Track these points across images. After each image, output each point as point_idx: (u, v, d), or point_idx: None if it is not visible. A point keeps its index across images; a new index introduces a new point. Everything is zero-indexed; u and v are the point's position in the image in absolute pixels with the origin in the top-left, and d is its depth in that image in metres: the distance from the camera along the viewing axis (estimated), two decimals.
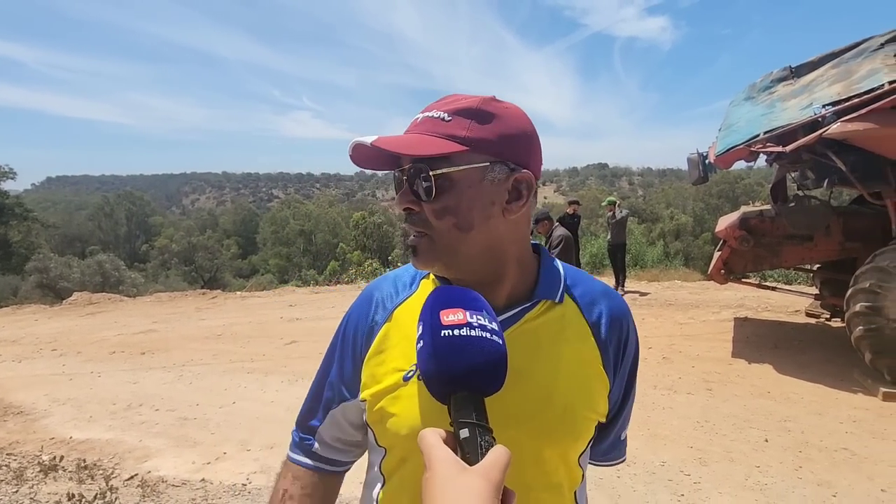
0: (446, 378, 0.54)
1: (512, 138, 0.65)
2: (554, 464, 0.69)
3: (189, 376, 5.15)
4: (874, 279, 3.89)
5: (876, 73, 3.94)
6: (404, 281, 0.79)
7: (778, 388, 4.22)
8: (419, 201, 0.65)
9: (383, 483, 0.74)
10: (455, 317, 0.56)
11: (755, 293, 6.92)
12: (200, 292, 10.79)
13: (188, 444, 3.63)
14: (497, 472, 0.47)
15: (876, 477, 2.92)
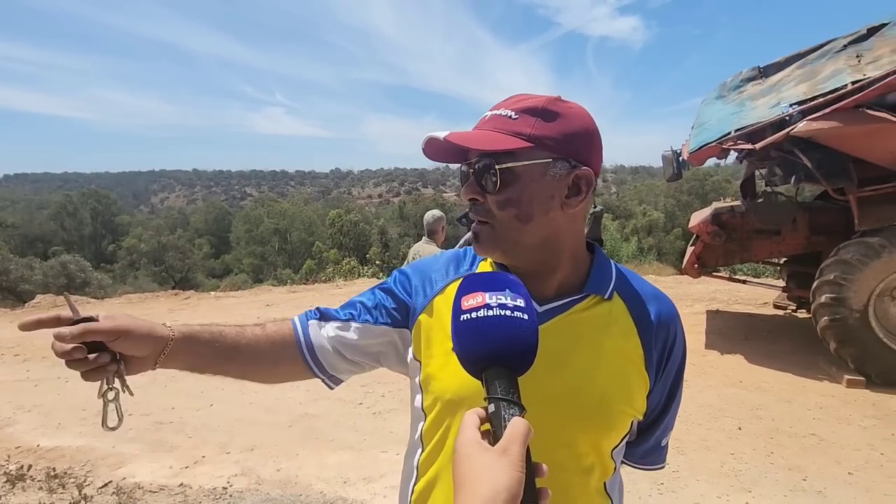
0: (470, 358, 0.58)
1: (574, 136, 0.69)
2: (585, 449, 0.72)
3: (163, 379, 4.99)
4: (838, 271, 4.06)
5: (839, 73, 4.10)
6: (464, 261, 0.85)
7: (749, 378, 4.37)
8: (484, 192, 0.70)
9: (422, 449, 0.79)
10: (474, 300, 0.59)
11: (726, 286, 7.13)
12: (173, 293, 10.49)
13: (164, 449, 3.53)
14: (515, 445, 0.49)
15: (843, 461, 3.06)
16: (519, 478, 0.47)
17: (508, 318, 0.57)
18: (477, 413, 0.54)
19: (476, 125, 0.73)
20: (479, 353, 0.57)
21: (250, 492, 2.93)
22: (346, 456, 3.29)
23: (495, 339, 0.56)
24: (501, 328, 0.56)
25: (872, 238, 3.94)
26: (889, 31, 4.24)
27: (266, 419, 3.94)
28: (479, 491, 0.47)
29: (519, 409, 0.54)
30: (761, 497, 2.72)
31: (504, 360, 0.56)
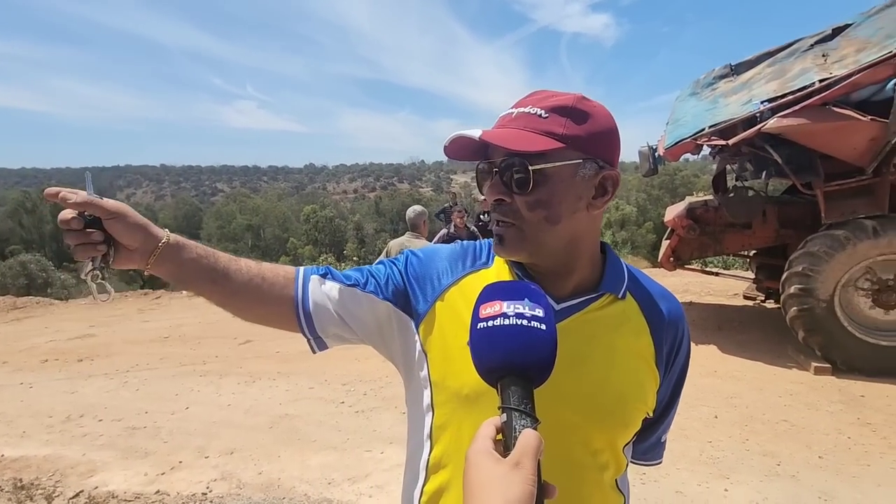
0: (485, 367, 0.57)
1: (602, 136, 0.69)
2: (601, 446, 0.73)
3: (135, 382, 4.83)
4: (806, 263, 4.21)
5: (807, 72, 4.24)
6: (481, 253, 0.82)
7: (723, 367, 4.50)
8: (511, 193, 0.68)
9: (431, 448, 0.77)
10: (492, 309, 0.58)
11: (698, 278, 7.33)
12: (142, 292, 10.16)
13: (138, 455, 3.41)
14: (528, 459, 0.48)
15: (813, 445, 3.18)
16: (531, 492, 0.46)
17: (525, 327, 0.56)
18: (494, 423, 0.53)
19: (500, 122, 0.70)
20: (494, 362, 0.56)
21: (231, 496, 2.85)
22: (330, 456, 3.24)
23: (510, 348, 0.55)
24: (517, 338, 0.55)
25: (838, 231, 4.10)
26: (853, 32, 4.39)
27: (245, 421, 3.85)
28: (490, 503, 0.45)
29: (531, 421, 0.52)
30: (738, 483, 2.80)
31: (518, 369, 0.55)
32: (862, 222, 4.02)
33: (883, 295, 4.14)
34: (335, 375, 4.65)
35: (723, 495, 2.70)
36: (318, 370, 4.84)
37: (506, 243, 0.70)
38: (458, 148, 0.71)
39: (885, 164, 3.92)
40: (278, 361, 5.23)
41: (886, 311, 4.15)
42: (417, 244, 3.83)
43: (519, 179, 0.67)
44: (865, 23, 4.38)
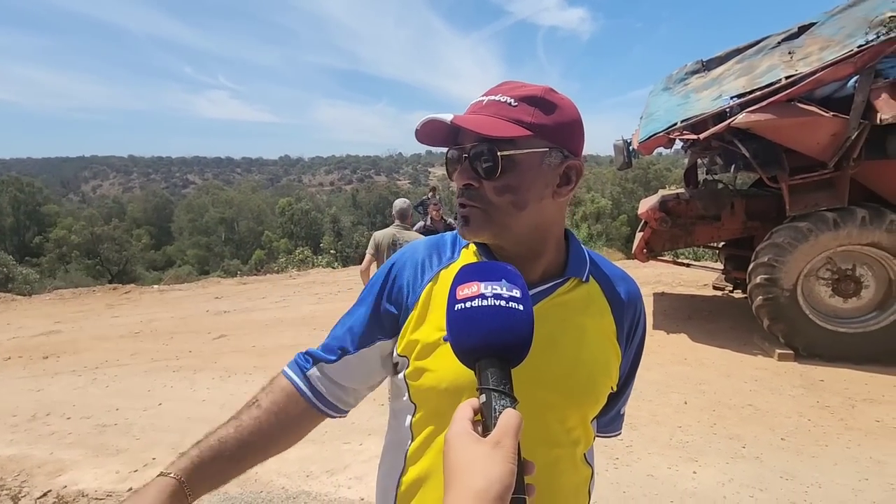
0: (463, 348, 0.57)
1: (567, 127, 0.72)
2: (574, 424, 0.77)
3: (104, 379, 4.71)
4: (771, 254, 4.37)
5: (774, 68, 4.37)
6: (445, 248, 0.84)
7: (693, 355, 4.65)
8: (480, 178, 0.70)
9: (412, 440, 0.78)
10: (469, 290, 0.58)
11: (670, 269, 7.52)
12: (111, 287, 9.85)
13: (109, 453, 3.33)
14: (508, 438, 0.48)
15: (776, 428, 3.32)
16: (511, 470, 0.47)
17: (503, 308, 0.56)
18: (471, 404, 0.54)
19: (471, 109, 0.72)
20: (472, 342, 0.56)
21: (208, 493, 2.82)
22: (308, 449, 3.23)
23: (488, 328, 0.55)
24: (495, 318, 0.56)
25: (801, 223, 4.26)
26: (817, 30, 4.54)
27: (221, 416, 3.74)
28: (472, 483, 0.46)
29: (511, 401, 0.53)
30: (706, 465, 2.91)
31: (497, 350, 0.56)
32: (824, 214, 4.19)
33: (842, 284, 4.33)
34: None
35: (691, 477, 2.81)
36: None
37: (471, 224, 0.72)
38: (430, 133, 0.72)
39: (846, 159, 4.08)
40: (255, 356, 5.17)
41: (845, 299, 4.35)
42: (407, 235, 3.86)
43: (489, 165, 0.68)
44: (828, 22, 4.54)
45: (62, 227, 33.14)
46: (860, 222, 4.07)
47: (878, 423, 3.36)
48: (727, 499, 2.62)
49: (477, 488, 0.45)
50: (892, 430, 3.26)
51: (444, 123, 0.69)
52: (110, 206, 54.11)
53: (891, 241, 4.04)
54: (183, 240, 41.19)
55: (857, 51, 3.90)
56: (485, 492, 0.45)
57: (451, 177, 0.75)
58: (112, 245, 30.23)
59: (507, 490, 0.46)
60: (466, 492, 0.46)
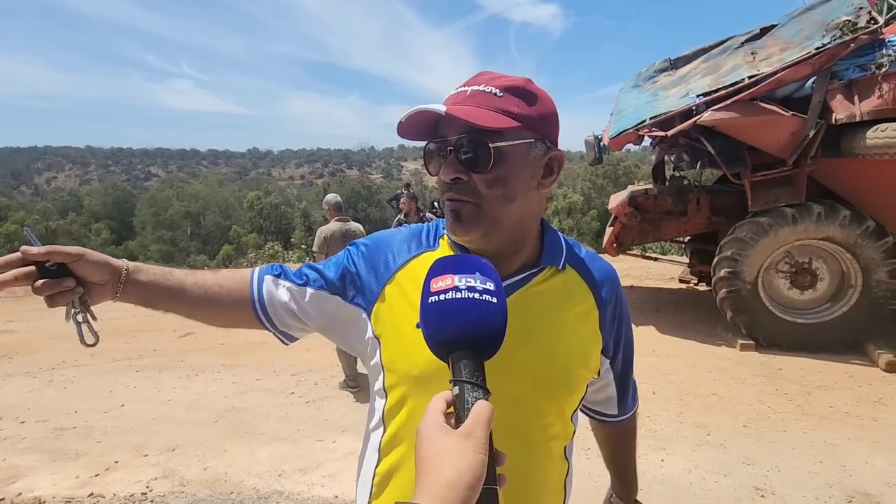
0: (437, 341, 0.57)
1: (549, 118, 0.72)
2: (552, 418, 0.77)
3: (62, 381, 4.49)
4: (734, 248, 4.53)
5: (738, 68, 4.51)
6: (425, 236, 0.83)
7: (661, 346, 4.78)
8: (468, 171, 0.68)
9: (384, 430, 0.78)
10: (443, 283, 0.58)
11: (638, 263, 7.71)
12: None
13: (68, 457, 3.18)
14: (479, 429, 0.49)
15: (739, 415, 3.46)
16: (482, 460, 0.47)
17: (476, 300, 0.56)
18: (444, 397, 0.54)
19: (455, 99, 0.70)
20: (446, 335, 0.56)
21: (174, 495, 2.73)
22: (280, 448, 3.17)
23: (462, 321, 0.55)
24: (469, 311, 0.56)
25: (762, 218, 4.43)
26: (778, 32, 4.71)
27: (188, 416, 3.69)
28: (443, 474, 0.46)
29: (483, 393, 0.53)
30: (673, 453, 3.01)
31: (470, 342, 0.55)
32: (783, 210, 4.36)
33: (799, 277, 4.54)
34: (284, 366, 4.53)
35: (660, 465, 2.89)
36: (265, 361, 4.70)
37: (463, 220, 0.70)
38: (411, 126, 0.71)
39: (804, 157, 4.26)
40: (223, 354, 5.03)
41: (802, 291, 4.56)
42: (355, 226, 4.04)
43: (480, 157, 0.67)
44: (788, 24, 4.71)
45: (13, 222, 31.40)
46: (816, 218, 4.26)
47: (832, 408, 3.54)
48: (694, 485, 2.71)
49: (448, 478, 0.46)
50: (844, 415, 3.44)
51: (426, 115, 0.67)
52: (66, 200, 51.69)
53: (844, 235, 4.25)
54: (146, 235, 39.73)
55: (814, 53, 4.06)
56: (456, 481, 0.45)
57: (431, 171, 0.73)
58: (69, 240, 28.86)
59: (478, 480, 0.46)
60: (437, 482, 0.46)
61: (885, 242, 4.16)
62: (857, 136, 3.96)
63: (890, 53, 3.92)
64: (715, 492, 2.65)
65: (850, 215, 4.19)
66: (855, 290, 4.36)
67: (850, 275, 4.38)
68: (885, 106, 3.87)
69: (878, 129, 3.80)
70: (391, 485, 0.76)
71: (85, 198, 54.00)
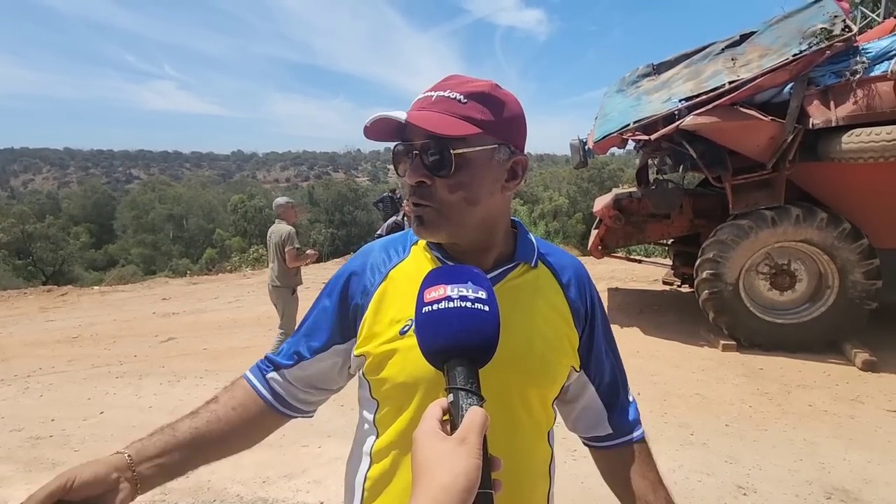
0: (431, 350, 0.58)
1: (514, 123, 0.74)
2: (536, 404, 0.79)
3: (38, 388, 4.38)
4: (716, 250, 4.60)
5: (718, 73, 4.60)
6: (396, 247, 0.85)
7: (645, 347, 4.84)
8: (433, 176, 0.70)
9: (377, 436, 0.79)
10: (436, 293, 0.59)
11: (623, 265, 7.80)
12: (45, 289, 9.17)
13: (44, 468, 3.10)
14: (473, 434, 0.50)
15: (721, 415, 3.51)
16: (476, 464, 0.48)
17: (469, 309, 0.58)
18: (439, 404, 0.55)
19: (420, 105, 0.71)
20: (440, 344, 0.57)
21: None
22: (264, 454, 3.12)
23: (455, 330, 0.57)
24: (461, 319, 0.57)
25: (743, 220, 4.52)
26: (757, 39, 4.81)
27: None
28: (438, 478, 0.47)
29: (478, 399, 0.54)
30: (658, 453, 2.98)
31: (464, 350, 0.56)
32: (763, 213, 4.45)
33: (778, 278, 4.63)
34: None
35: None
36: (249, 366, 4.63)
37: (426, 224, 0.73)
38: (379, 129, 0.72)
39: (782, 161, 4.35)
40: (206, 359, 4.95)
41: (781, 292, 4.65)
42: (277, 228, 4.43)
43: (441, 162, 0.69)
44: (767, 31, 4.82)
45: None
46: (794, 220, 4.35)
47: (811, 407, 3.62)
48: (678, 484, 2.73)
49: (443, 483, 0.46)
50: (823, 413, 3.52)
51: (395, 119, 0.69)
52: (43, 203, 50.46)
53: (821, 237, 4.35)
54: (127, 238, 38.98)
55: (791, 59, 4.16)
56: (451, 486, 0.46)
57: (398, 171, 0.75)
58: (46, 244, 28.16)
59: (473, 484, 0.47)
60: (433, 487, 0.47)
61: (861, 244, 4.27)
62: (833, 140, 4.06)
63: (864, 60, 4.03)
64: (699, 491, 2.68)
65: (826, 218, 4.29)
66: (832, 291, 4.47)
67: (828, 276, 4.49)
68: (860, 111, 3.98)
69: (853, 134, 3.91)
70: (386, 491, 0.77)
71: (63, 200, 52.80)
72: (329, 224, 37.01)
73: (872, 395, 3.75)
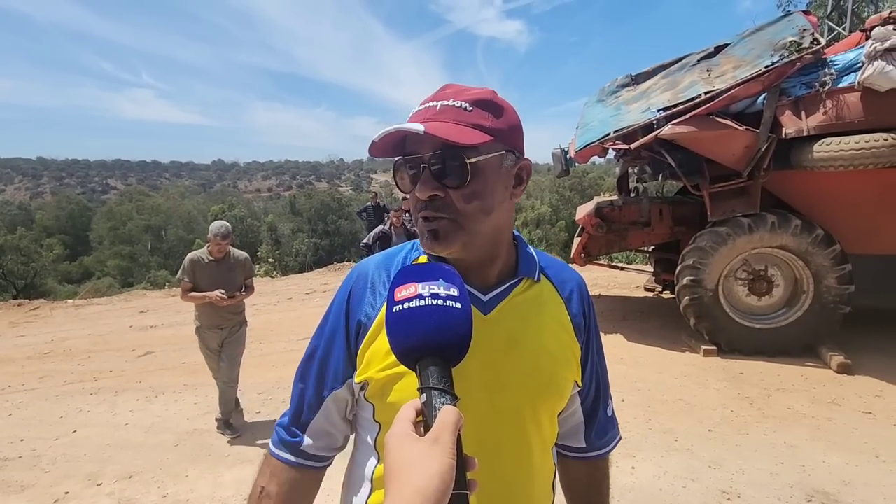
0: (402, 349, 0.57)
1: (516, 129, 0.74)
2: (545, 421, 0.78)
3: (7, 406, 4.21)
4: (696, 257, 4.69)
5: (694, 84, 4.71)
6: (395, 265, 0.80)
7: (629, 354, 4.88)
8: (446, 187, 0.68)
9: (378, 459, 0.76)
10: (407, 291, 0.58)
11: (606, 273, 7.89)
12: (15, 303, 8.86)
13: (13, 490, 2.97)
14: (446, 434, 0.49)
15: (704, 420, 3.55)
16: (450, 464, 0.47)
17: (440, 307, 0.57)
18: (413, 406, 0.54)
19: (425, 115, 0.69)
20: (411, 343, 0.56)
21: None
22: (246, 470, 3.05)
23: (427, 328, 0.55)
24: (432, 317, 0.56)
25: (721, 227, 4.61)
26: (731, 50, 4.96)
27: (146, 440, 3.51)
28: (411, 481, 0.46)
29: (451, 398, 0.53)
30: (643, 460, 3.05)
31: (436, 349, 0.55)
32: (740, 220, 4.55)
33: (756, 284, 4.73)
34: (250, 384, 4.38)
35: (630, 472, 2.93)
36: None
37: (441, 236, 0.70)
38: (384, 145, 0.70)
39: (757, 169, 4.47)
40: (185, 373, 4.83)
41: (759, 297, 4.75)
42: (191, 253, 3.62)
43: (457, 173, 0.67)
44: (740, 43, 4.96)
45: None
46: (770, 227, 4.46)
47: (790, 410, 3.68)
48: (663, 491, 2.75)
49: (416, 485, 0.46)
50: (802, 416, 3.58)
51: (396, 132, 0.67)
52: (15, 214, 48.96)
53: (796, 243, 4.46)
54: (103, 250, 37.99)
55: (764, 71, 4.29)
56: (424, 487, 0.45)
57: (403, 188, 0.72)
58: (17, 256, 27.25)
59: (447, 485, 0.46)
60: (407, 490, 0.46)
61: (834, 250, 4.39)
62: (804, 149, 4.18)
63: (832, 72, 4.18)
64: (684, 497, 2.70)
65: (800, 224, 4.41)
66: (808, 296, 4.58)
67: (803, 281, 4.60)
68: (830, 121, 4.12)
69: (824, 144, 4.03)
70: None
71: (36, 212, 51.28)
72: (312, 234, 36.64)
73: (848, 398, 3.83)
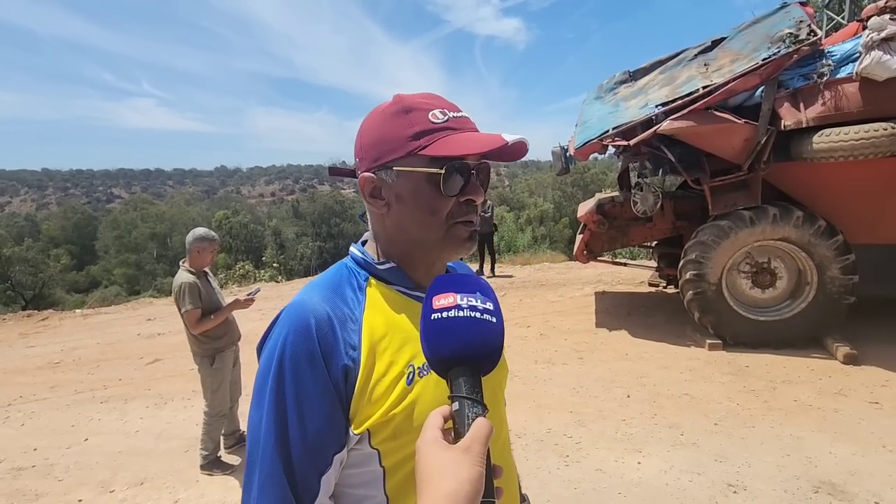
0: (438, 357, 0.58)
1: None
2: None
3: (19, 417, 4.27)
4: (698, 251, 4.69)
5: (692, 79, 4.71)
6: (349, 294, 0.74)
7: (633, 350, 4.88)
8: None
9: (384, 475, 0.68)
10: (446, 300, 0.60)
11: (609, 269, 7.88)
12: (25, 314, 8.96)
13: (28, 498, 3.02)
14: (478, 444, 0.51)
15: (710, 414, 3.55)
16: (480, 473, 0.49)
17: (479, 320, 0.59)
18: (441, 413, 0.55)
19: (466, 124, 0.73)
20: (448, 352, 0.57)
21: None
22: (230, 495, 3.08)
23: (466, 339, 0.57)
24: (471, 329, 0.58)
25: (723, 221, 4.61)
26: (728, 44, 4.95)
27: (157, 447, 3.55)
28: (442, 486, 0.48)
29: (482, 409, 0.55)
30: (649, 455, 3.06)
31: (471, 359, 0.57)
32: (741, 213, 4.55)
33: (759, 276, 4.72)
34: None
35: (636, 468, 2.94)
36: None
37: (474, 237, 0.78)
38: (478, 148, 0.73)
39: (757, 162, 4.46)
40: (193, 380, 4.84)
41: (763, 290, 4.74)
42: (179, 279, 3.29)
43: (488, 180, 0.78)
44: (737, 37, 4.96)
45: None
46: (772, 219, 4.46)
47: (796, 402, 3.68)
48: (669, 485, 2.76)
49: (447, 490, 0.47)
50: (808, 408, 3.58)
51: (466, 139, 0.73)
52: (21, 225, 49.39)
53: (798, 235, 4.45)
54: (109, 258, 38.30)
55: (761, 64, 4.28)
56: (455, 493, 0.47)
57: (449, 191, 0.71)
58: (25, 267, 27.48)
59: (477, 492, 0.48)
60: (438, 495, 0.48)
61: (836, 240, 4.38)
62: (804, 141, 4.18)
63: (830, 63, 4.17)
64: (690, 491, 2.71)
65: (802, 216, 4.40)
66: (811, 287, 4.57)
67: (807, 272, 4.59)
68: (828, 112, 4.11)
69: (823, 135, 4.02)
70: None
71: (42, 223, 51.72)
72: (316, 237, 36.77)
73: (855, 388, 3.83)
